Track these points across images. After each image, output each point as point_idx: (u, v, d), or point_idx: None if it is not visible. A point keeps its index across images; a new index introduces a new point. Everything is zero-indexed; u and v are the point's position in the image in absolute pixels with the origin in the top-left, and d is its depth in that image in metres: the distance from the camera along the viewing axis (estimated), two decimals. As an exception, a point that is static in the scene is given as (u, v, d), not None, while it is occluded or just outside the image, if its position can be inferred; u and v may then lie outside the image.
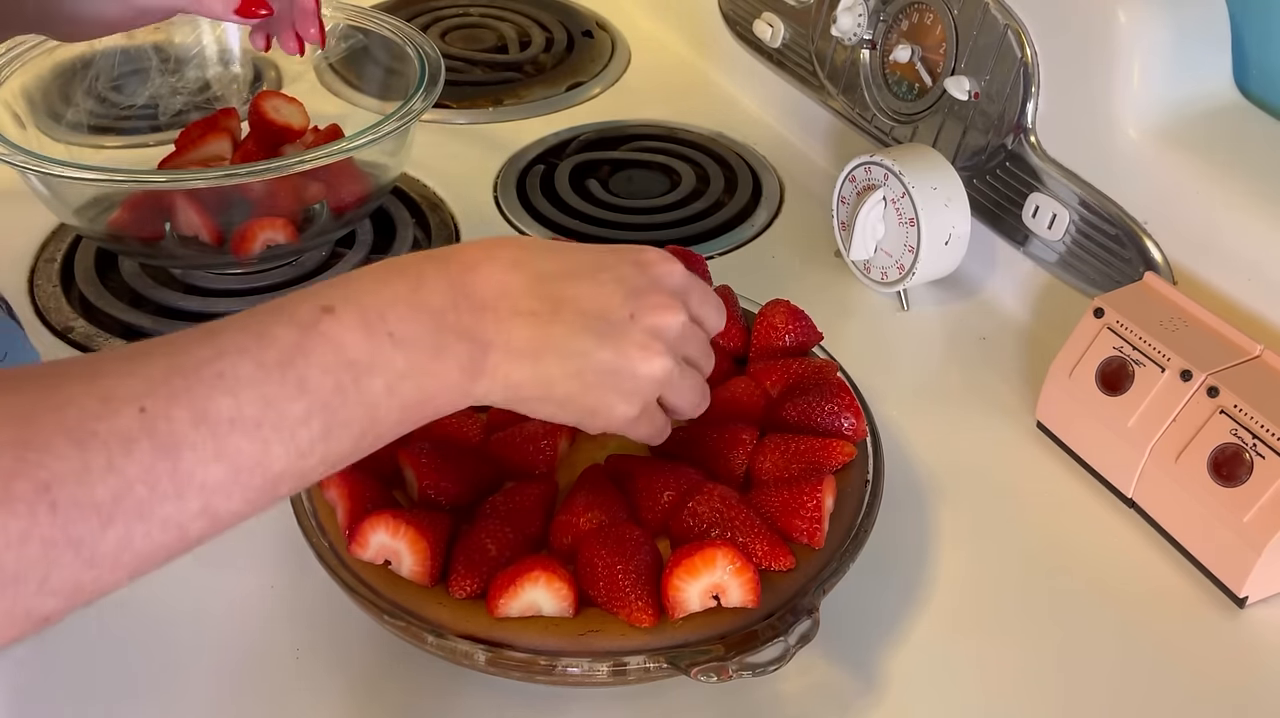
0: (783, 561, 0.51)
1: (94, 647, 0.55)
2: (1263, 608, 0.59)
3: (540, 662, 0.48)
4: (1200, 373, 0.59)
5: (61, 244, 0.82)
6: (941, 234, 0.74)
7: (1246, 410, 0.57)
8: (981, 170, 0.77)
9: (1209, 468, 0.58)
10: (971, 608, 0.59)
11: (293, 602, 0.57)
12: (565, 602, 0.49)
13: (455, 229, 0.86)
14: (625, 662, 0.48)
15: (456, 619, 0.49)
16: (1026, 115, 0.74)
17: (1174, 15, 0.68)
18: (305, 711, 0.53)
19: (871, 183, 0.76)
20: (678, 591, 0.49)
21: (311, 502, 0.54)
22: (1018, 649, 0.57)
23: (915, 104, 0.82)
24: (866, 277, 0.80)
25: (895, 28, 0.83)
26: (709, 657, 0.47)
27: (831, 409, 0.58)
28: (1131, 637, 0.57)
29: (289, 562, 0.58)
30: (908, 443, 0.65)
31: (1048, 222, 0.74)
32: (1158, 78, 0.69)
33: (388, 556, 0.50)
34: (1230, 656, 0.57)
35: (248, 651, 0.55)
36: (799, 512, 0.52)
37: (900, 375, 0.74)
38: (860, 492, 0.56)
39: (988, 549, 0.62)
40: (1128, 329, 0.62)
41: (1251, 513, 0.56)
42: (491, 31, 1.15)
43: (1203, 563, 0.60)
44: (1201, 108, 0.69)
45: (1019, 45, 0.73)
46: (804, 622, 0.49)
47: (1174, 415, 0.60)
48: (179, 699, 0.53)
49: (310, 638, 0.55)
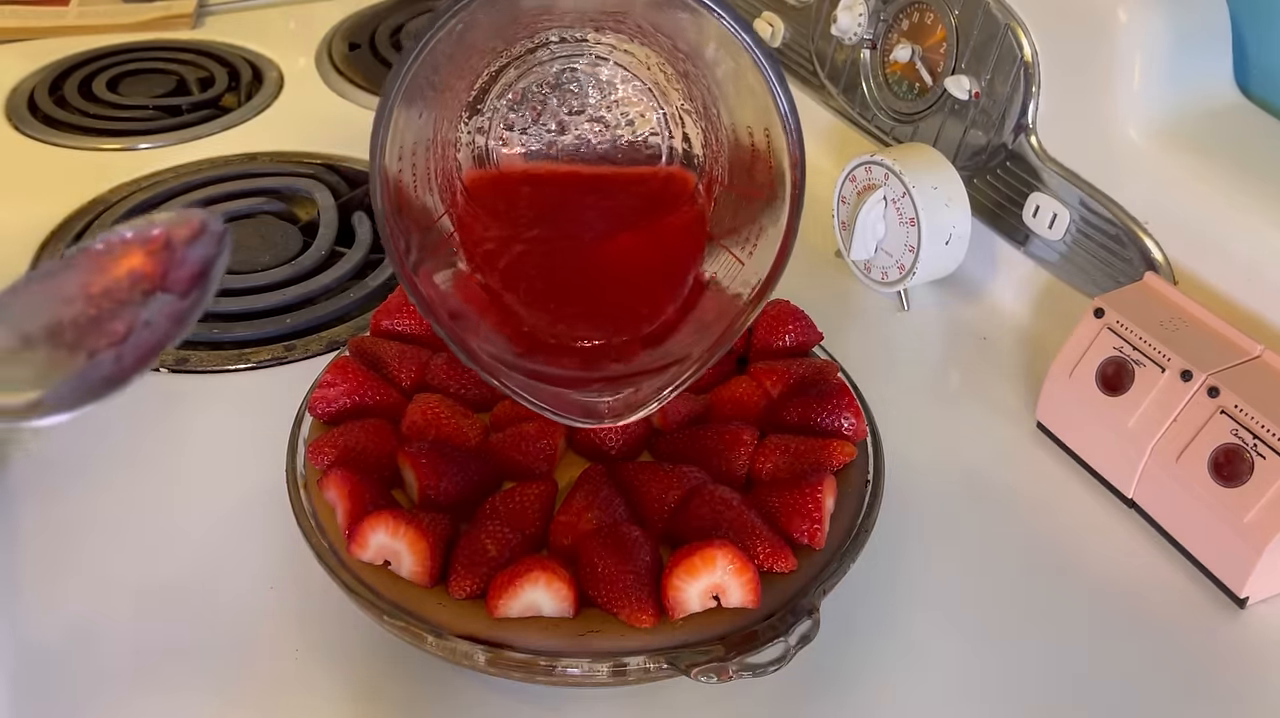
0: (784, 562, 0.51)
1: (94, 646, 0.55)
2: (1263, 608, 0.59)
3: (540, 662, 0.48)
4: (1201, 373, 0.59)
5: (61, 244, 0.82)
6: (942, 234, 0.74)
7: (1247, 411, 0.57)
8: (982, 170, 0.77)
9: (1210, 468, 0.58)
10: (971, 608, 0.59)
11: (293, 602, 0.57)
12: (565, 602, 0.49)
13: (455, 229, 0.86)
14: (625, 662, 0.48)
15: (456, 620, 0.49)
16: (1027, 115, 0.74)
17: (1174, 15, 0.68)
18: (305, 711, 0.53)
19: (872, 182, 0.76)
20: (678, 591, 0.49)
21: (311, 502, 0.54)
22: (1018, 649, 0.57)
23: (915, 104, 0.82)
24: (867, 276, 0.79)
25: (895, 27, 0.83)
26: (709, 657, 0.47)
27: (831, 409, 0.58)
28: (1132, 637, 0.57)
29: (289, 562, 0.58)
30: (908, 443, 0.65)
31: (1048, 221, 0.73)
32: (1158, 78, 0.69)
33: (387, 556, 0.50)
34: (1230, 656, 0.57)
35: (248, 651, 0.55)
36: (799, 512, 0.52)
37: (900, 376, 0.74)
38: (860, 492, 0.56)
39: (988, 549, 0.62)
40: (1128, 329, 0.62)
41: (1252, 513, 0.56)
42: (491, 31, 1.15)
43: (1203, 563, 0.60)
44: (1202, 108, 0.69)
45: (1019, 45, 0.73)
46: (804, 622, 0.49)
47: (1174, 416, 0.60)
48: (179, 699, 0.53)
49: (310, 638, 0.55)
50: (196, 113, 1.01)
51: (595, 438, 0.56)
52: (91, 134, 0.97)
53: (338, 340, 0.74)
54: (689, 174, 0.57)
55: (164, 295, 0.49)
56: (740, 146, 0.53)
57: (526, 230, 0.57)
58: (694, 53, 0.52)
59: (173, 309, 0.49)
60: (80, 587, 0.58)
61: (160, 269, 0.49)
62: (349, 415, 0.57)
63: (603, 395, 0.51)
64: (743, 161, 0.53)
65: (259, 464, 0.62)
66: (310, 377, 0.60)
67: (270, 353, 0.73)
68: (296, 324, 0.76)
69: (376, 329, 0.63)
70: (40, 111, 1.00)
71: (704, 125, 0.56)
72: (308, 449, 0.55)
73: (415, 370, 0.60)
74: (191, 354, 0.73)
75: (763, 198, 0.51)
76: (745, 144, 0.52)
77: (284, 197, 0.89)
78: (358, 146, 0.95)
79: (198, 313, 0.49)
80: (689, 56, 0.53)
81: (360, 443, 0.55)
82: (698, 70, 0.53)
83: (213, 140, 0.97)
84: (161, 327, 0.49)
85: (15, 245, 0.82)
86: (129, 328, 0.48)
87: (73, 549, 0.60)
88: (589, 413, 0.50)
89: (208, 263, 0.49)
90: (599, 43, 0.55)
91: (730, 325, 0.51)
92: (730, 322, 0.51)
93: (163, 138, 0.97)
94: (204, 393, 0.71)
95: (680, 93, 0.56)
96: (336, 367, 0.58)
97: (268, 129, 0.99)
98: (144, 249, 0.49)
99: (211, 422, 0.68)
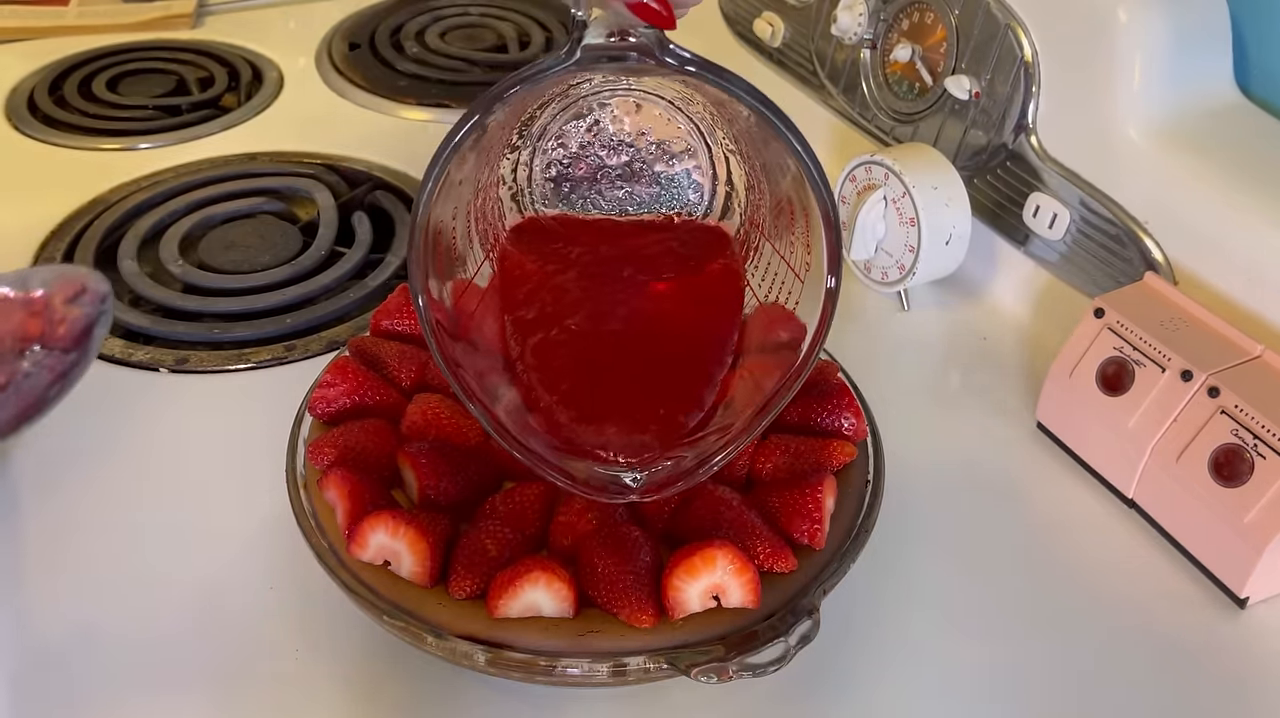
0: (784, 562, 0.51)
1: (93, 646, 0.55)
2: (1263, 608, 0.59)
3: (540, 663, 0.48)
4: (1201, 373, 0.59)
5: (61, 244, 0.82)
6: (942, 234, 0.74)
7: (1247, 411, 0.57)
8: (982, 170, 0.77)
9: (1210, 468, 0.58)
10: (971, 608, 0.58)
11: (293, 602, 0.57)
12: (565, 602, 0.49)
13: (455, 229, 0.86)
14: (625, 662, 0.48)
15: (456, 620, 0.49)
16: (1027, 115, 0.74)
17: (1174, 15, 0.68)
18: (305, 711, 0.53)
19: (872, 182, 0.76)
20: (678, 591, 0.49)
21: (311, 502, 0.54)
22: (1017, 650, 0.56)
23: (915, 104, 0.82)
24: (867, 276, 0.79)
25: (895, 27, 0.83)
26: (709, 657, 0.47)
27: (831, 409, 0.58)
28: (1132, 637, 0.57)
29: (289, 562, 0.58)
30: (908, 443, 0.65)
31: (1048, 221, 0.73)
32: (1158, 78, 0.68)
33: (387, 556, 0.50)
34: (1230, 656, 0.57)
35: (248, 651, 0.55)
36: (800, 512, 0.52)
37: (900, 375, 0.74)
38: (860, 492, 0.56)
39: (987, 550, 0.62)
40: (1128, 329, 0.62)
41: (1252, 513, 0.56)
42: (491, 31, 1.15)
43: (1203, 563, 0.60)
44: (1202, 108, 0.69)
45: (1019, 45, 0.73)
46: (804, 622, 0.49)
47: (1174, 416, 0.60)
48: (178, 699, 0.53)
49: (310, 638, 0.55)
50: (196, 113, 1.01)
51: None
52: (91, 134, 0.97)
53: (338, 340, 0.74)
54: (725, 228, 0.57)
55: (45, 350, 0.50)
56: (779, 205, 0.52)
57: (562, 299, 0.55)
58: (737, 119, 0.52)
59: (55, 362, 0.50)
60: (80, 587, 0.58)
61: (40, 329, 0.50)
62: (349, 415, 0.57)
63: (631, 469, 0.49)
64: (782, 218, 0.52)
65: (259, 464, 0.62)
66: (310, 377, 0.60)
67: (270, 353, 0.73)
68: (296, 324, 0.76)
69: (376, 329, 0.63)
70: (40, 111, 1.00)
71: (747, 169, 0.55)
72: (308, 449, 0.55)
73: (415, 370, 0.60)
74: (191, 354, 0.73)
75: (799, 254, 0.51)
76: (784, 205, 0.52)
77: (284, 197, 0.89)
78: (358, 146, 0.95)
79: (82, 368, 0.49)
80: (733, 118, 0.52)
81: (360, 443, 0.55)
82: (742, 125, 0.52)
83: (213, 140, 0.97)
84: (44, 379, 0.49)
85: (15, 245, 0.82)
86: (8, 379, 0.49)
87: (73, 549, 0.60)
88: (619, 490, 0.49)
89: (90, 321, 0.49)
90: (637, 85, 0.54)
91: (777, 392, 0.49)
92: (777, 386, 0.50)
93: (163, 138, 0.97)
94: (204, 393, 0.71)
95: (726, 133, 0.55)
96: (336, 367, 0.58)
97: (268, 129, 0.99)
98: (26, 310, 0.50)
99: (211, 422, 0.68)
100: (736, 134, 0.54)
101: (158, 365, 0.72)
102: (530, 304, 0.54)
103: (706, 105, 0.54)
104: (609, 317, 0.55)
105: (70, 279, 0.50)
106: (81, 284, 0.50)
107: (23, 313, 0.50)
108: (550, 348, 0.53)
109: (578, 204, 0.57)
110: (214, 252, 0.82)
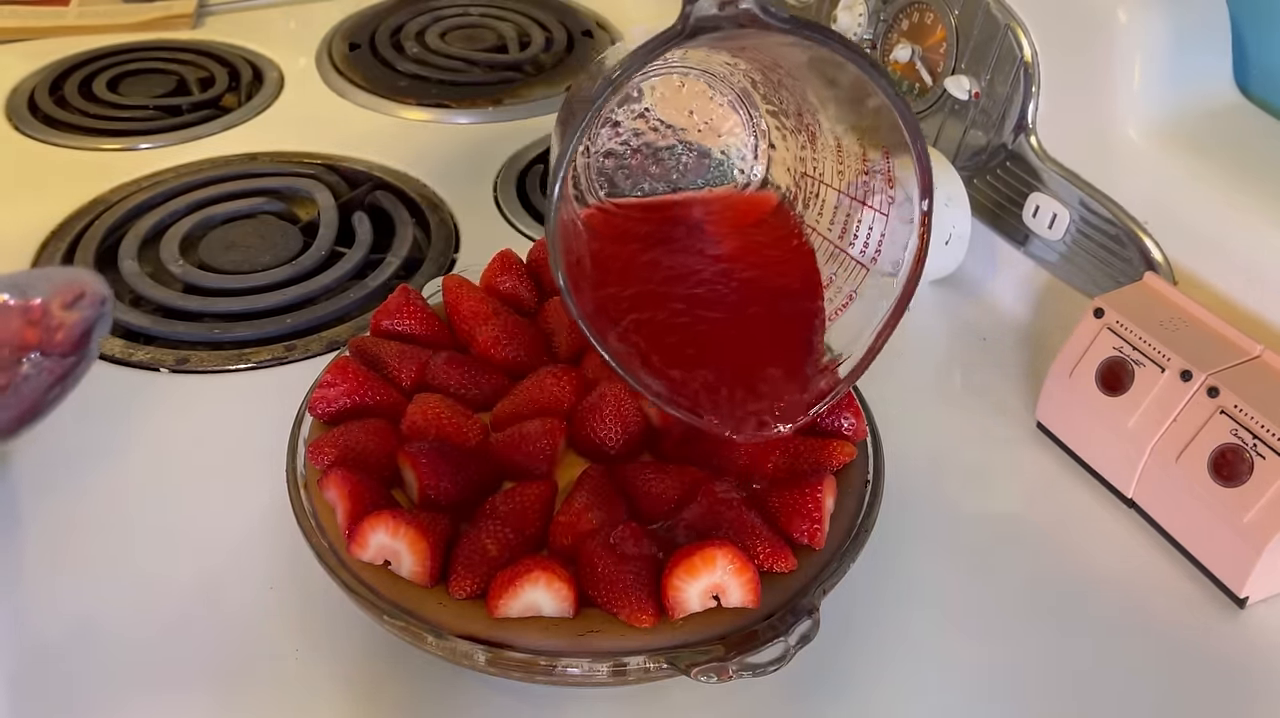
0: (784, 562, 0.51)
1: (93, 646, 0.55)
2: (1263, 608, 0.59)
3: (540, 662, 0.48)
4: (1200, 373, 0.59)
5: (61, 244, 0.82)
6: (942, 234, 0.74)
7: (1247, 410, 0.57)
8: (982, 170, 0.77)
9: (1209, 468, 0.58)
10: (971, 608, 0.59)
11: (293, 602, 0.57)
12: (565, 602, 0.49)
13: (455, 229, 0.86)
14: (625, 662, 0.48)
15: (456, 620, 0.49)
16: (1027, 115, 0.74)
17: (1174, 15, 0.68)
18: (305, 711, 0.53)
19: (872, 183, 0.76)
20: (678, 591, 0.49)
21: (311, 502, 0.54)
22: (1017, 649, 0.57)
23: (915, 104, 0.82)
24: (867, 276, 0.79)
25: (895, 27, 0.83)
26: (709, 657, 0.47)
27: (831, 409, 0.57)
28: (1131, 637, 0.57)
29: (289, 562, 0.58)
30: (908, 443, 0.65)
31: (1048, 221, 0.74)
32: (1158, 78, 0.69)
33: (387, 556, 0.50)
34: (1230, 656, 0.57)
35: (248, 651, 0.55)
36: (800, 512, 0.52)
37: (900, 375, 0.74)
38: (860, 492, 0.56)
39: (987, 549, 0.62)
40: (1128, 329, 0.62)
41: (1252, 513, 0.56)
42: (491, 31, 1.15)
43: (1203, 563, 0.60)
44: (1202, 108, 0.69)
45: (1019, 45, 0.73)
46: (804, 622, 0.49)
47: (1174, 416, 0.60)
48: (178, 698, 0.53)
49: (310, 638, 0.55)
50: (197, 113, 1.01)
51: (595, 437, 0.56)
52: (92, 134, 0.97)
53: (338, 340, 0.74)
54: (771, 190, 0.59)
55: (44, 356, 0.50)
56: (843, 155, 0.54)
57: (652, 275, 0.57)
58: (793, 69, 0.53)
59: (54, 365, 0.50)
60: (80, 586, 0.58)
61: (38, 337, 0.50)
62: (349, 415, 0.57)
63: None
64: (847, 160, 0.54)
65: (259, 464, 0.62)
66: (310, 377, 0.60)
67: (270, 353, 0.73)
68: (296, 324, 0.76)
69: (376, 329, 0.63)
70: (40, 111, 1.00)
71: (793, 126, 0.57)
72: (308, 449, 0.55)
73: (415, 370, 0.60)
74: (191, 354, 0.73)
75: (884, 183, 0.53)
76: (851, 152, 0.54)
77: (284, 197, 0.89)
78: (358, 146, 0.95)
79: (83, 369, 0.49)
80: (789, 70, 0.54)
81: (360, 443, 0.55)
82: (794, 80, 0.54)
83: (213, 140, 0.97)
84: (43, 381, 0.50)
85: (15, 245, 0.82)
86: (8, 382, 0.49)
87: (73, 549, 0.60)
88: (761, 425, 0.52)
89: (88, 325, 0.49)
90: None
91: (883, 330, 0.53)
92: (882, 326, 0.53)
93: (163, 138, 0.97)
94: (204, 393, 0.71)
95: (764, 97, 0.56)
96: (336, 367, 0.58)
97: (268, 129, 0.99)
98: (24, 318, 0.50)
99: (212, 422, 0.68)
100: (784, 96, 0.55)
101: (158, 365, 0.72)
102: (626, 282, 0.56)
103: (747, 72, 0.55)
104: (704, 291, 0.57)
105: (69, 284, 0.50)
106: (81, 289, 0.50)
107: (20, 320, 0.50)
108: (663, 330, 0.55)
109: (629, 188, 0.59)
110: (214, 252, 0.82)
